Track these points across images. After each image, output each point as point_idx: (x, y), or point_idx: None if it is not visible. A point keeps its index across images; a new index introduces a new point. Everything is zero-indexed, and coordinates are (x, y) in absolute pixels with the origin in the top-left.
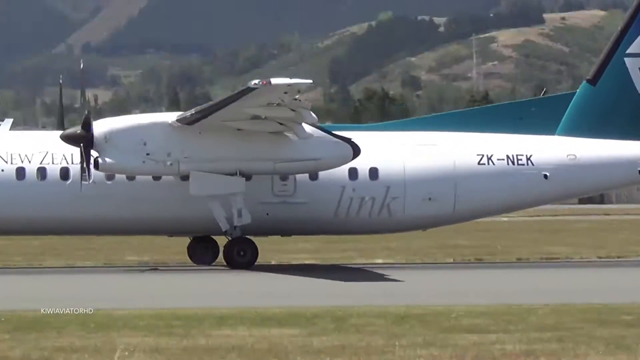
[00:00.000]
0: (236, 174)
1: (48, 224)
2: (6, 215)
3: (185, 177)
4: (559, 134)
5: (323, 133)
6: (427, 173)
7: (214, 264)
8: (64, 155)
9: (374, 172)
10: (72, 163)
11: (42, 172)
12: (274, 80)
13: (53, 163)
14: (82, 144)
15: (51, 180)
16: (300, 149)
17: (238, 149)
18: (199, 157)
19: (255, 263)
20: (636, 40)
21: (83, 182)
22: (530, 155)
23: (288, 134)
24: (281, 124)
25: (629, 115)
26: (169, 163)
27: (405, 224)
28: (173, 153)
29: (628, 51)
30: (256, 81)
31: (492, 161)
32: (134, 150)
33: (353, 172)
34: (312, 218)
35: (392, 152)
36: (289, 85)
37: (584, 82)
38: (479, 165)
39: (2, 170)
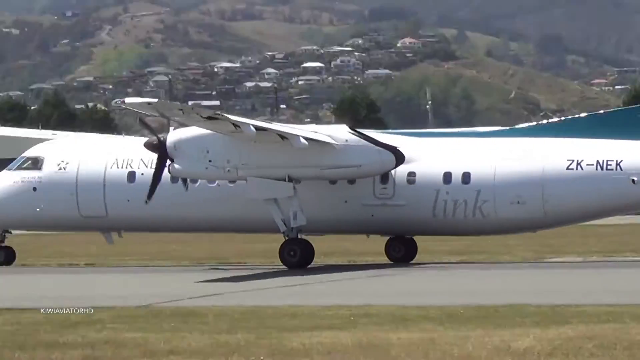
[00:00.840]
0: (285, 180)
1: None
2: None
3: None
4: None
5: (365, 142)
6: (515, 177)
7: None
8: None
9: (466, 176)
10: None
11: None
12: (127, 100)
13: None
14: (157, 152)
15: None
16: (343, 157)
17: (286, 156)
18: (254, 164)
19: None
20: None
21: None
22: (621, 161)
23: (332, 143)
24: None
25: None
26: (227, 169)
27: (499, 225)
28: (232, 160)
29: None
30: (115, 100)
31: (580, 166)
32: (198, 158)
33: (450, 176)
34: (411, 219)
35: (483, 156)
36: (143, 103)
37: None
38: (566, 170)
39: (142, 174)
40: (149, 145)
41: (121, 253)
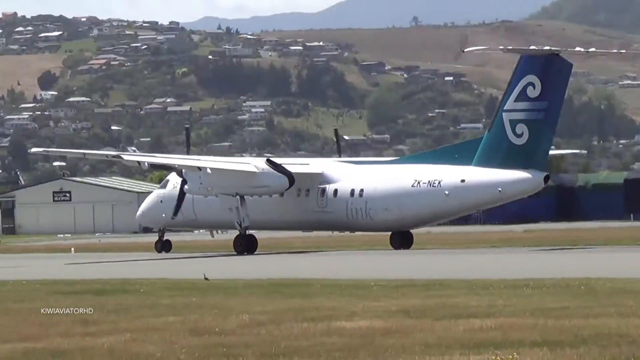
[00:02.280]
0: (235, 195)
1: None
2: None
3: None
4: (474, 165)
5: (271, 170)
6: (386, 191)
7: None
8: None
9: (359, 191)
10: None
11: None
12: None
13: None
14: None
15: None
16: (260, 180)
17: (233, 180)
18: (219, 187)
19: None
20: (509, 100)
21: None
22: (441, 180)
23: (255, 171)
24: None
25: (504, 153)
26: (208, 189)
27: (378, 225)
28: (210, 185)
29: (505, 108)
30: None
31: (419, 184)
32: (196, 184)
33: (353, 191)
34: (336, 220)
35: (373, 178)
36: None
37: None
38: (412, 187)
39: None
40: (178, 173)
41: None
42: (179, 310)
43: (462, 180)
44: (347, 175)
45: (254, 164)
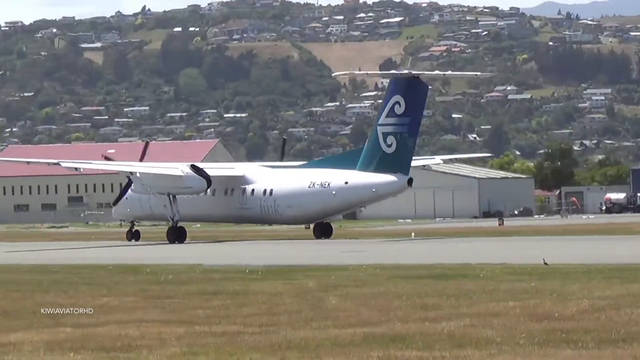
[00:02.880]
0: (167, 195)
1: None
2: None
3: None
4: (358, 169)
5: (193, 173)
6: (289, 191)
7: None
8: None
9: (270, 191)
10: None
11: None
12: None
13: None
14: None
15: None
16: (186, 182)
17: (164, 182)
18: (153, 188)
19: None
20: (382, 115)
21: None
22: (330, 182)
23: (181, 175)
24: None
25: (378, 160)
26: (148, 189)
27: (284, 219)
28: (147, 187)
29: (379, 122)
30: None
31: (314, 185)
32: (139, 184)
33: (265, 191)
34: (254, 215)
35: (281, 180)
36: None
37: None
38: (308, 188)
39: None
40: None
41: None
42: (518, 295)
43: (346, 182)
44: (262, 178)
45: (181, 168)
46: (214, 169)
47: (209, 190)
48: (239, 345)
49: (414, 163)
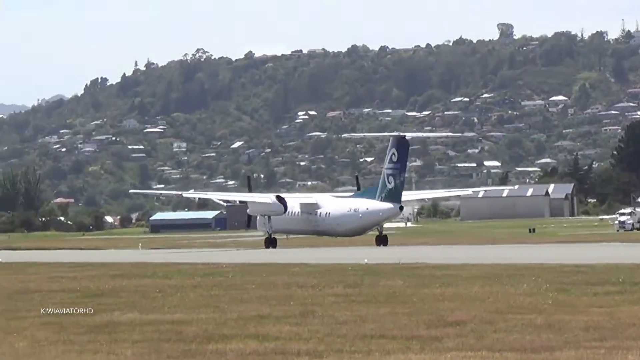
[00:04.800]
0: (264, 216)
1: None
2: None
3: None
4: (377, 199)
5: (276, 200)
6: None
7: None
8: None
9: (328, 213)
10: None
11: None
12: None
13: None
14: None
15: None
16: (274, 207)
17: (263, 206)
18: (256, 211)
19: None
20: (385, 162)
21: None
22: (357, 208)
23: (269, 202)
24: None
25: (385, 193)
26: (253, 211)
27: (339, 233)
28: (253, 211)
29: (385, 167)
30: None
31: (351, 209)
32: (250, 207)
33: (326, 213)
34: (323, 229)
35: (332, 203)
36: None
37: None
38: (348, 212)
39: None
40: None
41: None
42: None
43: (367, 208)
44: (327, 204)
45: (270, 198)
46: (296, 199)
47: (295, 212)
48: None
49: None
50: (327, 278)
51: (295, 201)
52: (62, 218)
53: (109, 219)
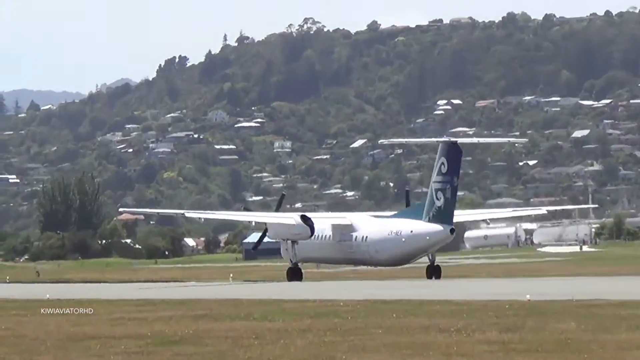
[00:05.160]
0: (288, 240)
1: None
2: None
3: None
4: (424, 220)
5: (301, 222)
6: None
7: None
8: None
9: (365, 238)
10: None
11: None
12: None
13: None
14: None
15: None
16: (299, 229)
17: (284, 229)
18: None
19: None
20: (437, 176)
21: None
22: (400, 231)
23: (294, 223)
24: None
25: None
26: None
27: (374, 261)
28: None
29: (434, 180)
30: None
31: (392, 232)
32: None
33: (358, 236)
34: (358, 258)
35: (370, 225)
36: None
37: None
38: (388, 235)
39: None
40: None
41: None
42: None
43: (411, 231)
44: (364, 225)
45: (293, 218)
46: (326, 219)
47: (326, 235)
48: None
49: None
50: (477, 319)
51: (325, 222)
52: (129, 240)
53: (189, 241)
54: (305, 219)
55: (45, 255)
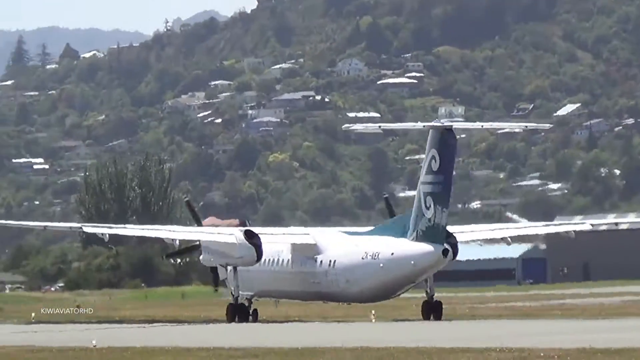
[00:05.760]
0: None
1: None
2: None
3: None
4: (409, 238)
5: (243, 239)
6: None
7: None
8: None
9: (332, 262)
10: None
11: None
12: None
13: None
14: None
15: None
16: (239, 250)
17: (225, 248)
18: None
19: None
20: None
21: None
22: (377, 252)
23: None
24: None
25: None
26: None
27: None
28: None
29: (422, 181)
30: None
31: (367, 255)
32: None
33: (324, 260)
34: (327, 293)
35: (338, 245)
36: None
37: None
38: (362, 260)
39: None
40: None
41: None
42: None
43: (392, 254)
44: (330, 245)
45: (234, 234)
46: (283, 236)
47: (281, 260)
48: None
49: None
50: None
51: (280, 241)
52: None
53: None
54: (249, 235)
55: (90, 282)
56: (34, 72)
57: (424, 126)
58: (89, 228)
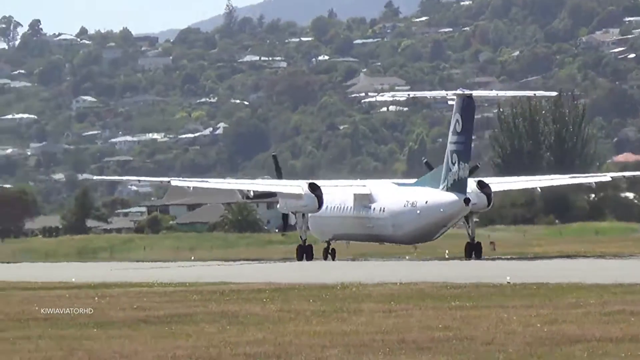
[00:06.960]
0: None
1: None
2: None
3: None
4: (440, 188)
5: (307, 190)
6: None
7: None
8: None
9: (383, 209)
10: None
11: None
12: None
13: None
14: None
15: None
16: (308, 200)
17: (299, 202)
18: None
19: None
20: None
21: None
22: (415, 201)
23: (301, 193)
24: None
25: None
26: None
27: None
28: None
29: (450, 140)
30: None
31: (408, 203)
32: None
33: (377, 208)
34: (379, 235)
35: (389, 194)
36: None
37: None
38: (404, 207)
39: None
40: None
41: None
42: None
43: (426, 202)
44: (382, 195)
45: (301, 186)
46: (344, 188)
47: (345, 207)
48: None
49: None
50: None
51: (340, 192)
52: (630, 195)
53: None
54: (313, 187)
55: (504, 218)
56: (448, 8)
57: (447, 94)
58: (176, 182)
